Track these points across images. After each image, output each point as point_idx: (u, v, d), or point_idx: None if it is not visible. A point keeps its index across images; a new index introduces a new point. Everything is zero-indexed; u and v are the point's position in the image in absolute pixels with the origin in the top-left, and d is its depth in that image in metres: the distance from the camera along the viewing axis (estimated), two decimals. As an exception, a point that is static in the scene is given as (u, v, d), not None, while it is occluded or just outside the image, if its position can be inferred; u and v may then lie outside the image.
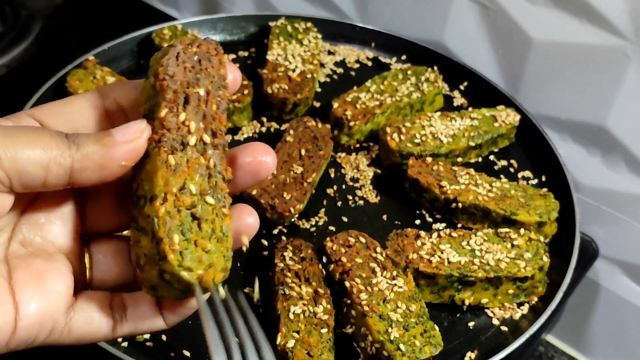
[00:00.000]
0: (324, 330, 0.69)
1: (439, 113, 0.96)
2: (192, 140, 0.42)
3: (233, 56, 1.08)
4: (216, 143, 0.43)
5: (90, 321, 0.43)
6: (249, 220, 0.45)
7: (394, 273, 0.74)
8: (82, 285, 0.45)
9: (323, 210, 0.86)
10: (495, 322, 0.77)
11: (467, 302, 0.77)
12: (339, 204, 0.88)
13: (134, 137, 0.41)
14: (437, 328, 0.71)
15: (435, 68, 1.03)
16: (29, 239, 0.43)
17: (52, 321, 0.42)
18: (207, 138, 0.43)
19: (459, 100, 1.06)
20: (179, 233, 0.40)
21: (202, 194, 0.41)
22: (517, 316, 0.78)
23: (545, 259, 0.77)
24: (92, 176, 0.40)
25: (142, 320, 0.44)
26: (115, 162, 0.40)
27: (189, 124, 0.42)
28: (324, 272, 0.76)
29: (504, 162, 0.96)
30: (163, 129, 0.41)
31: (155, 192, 0.40)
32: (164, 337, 0.71)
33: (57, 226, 0.44)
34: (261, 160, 0.45)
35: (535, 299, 0.79)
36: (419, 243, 0.78)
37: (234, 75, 0.46)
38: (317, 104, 1.02)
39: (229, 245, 0.42)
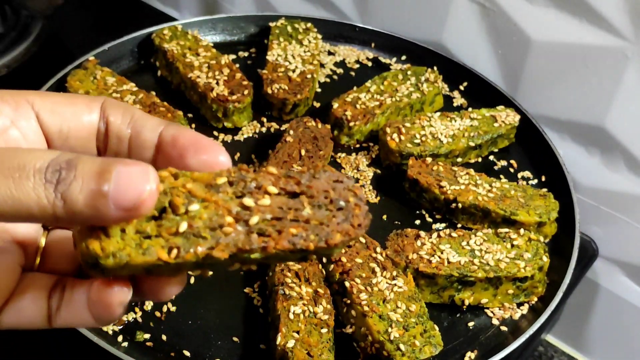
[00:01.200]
0: (324, 330, 0.69)
1: (438, 113, 0.96)
2: None
3: (233, 56, 1.08)
4: None
5: (22, 310, 0.39)
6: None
7: (394, 273, 0.74)
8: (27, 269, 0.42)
9: (323, 210, 0.86)
10: (495, 322, 0.77)
11: (467, 302, 0.77)
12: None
13: (131, 204, 0.34)
14: (437, 328, 0.71)
15: (435, 68, 1.03)
16: None
17: None
18: None
19: (458, 100, 1.06)
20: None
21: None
22: (516, 316, 0.78)
23: (545, 259, 0.78)
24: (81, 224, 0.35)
25: (73, 312, 0.39)
26: (106, 223, 0.35)
27: None
28: (324, 272, 0.76)
29: (503, 163, 0.96)
30: None
31: None
32: (164, 337, 0.71)
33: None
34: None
35: (535, 299, 0.79)
36: (418, 243, 0.78)
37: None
38: (317, 104, 1.02)
39: None
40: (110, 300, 0.37)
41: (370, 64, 1.12)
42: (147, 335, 0.71)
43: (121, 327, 0.72)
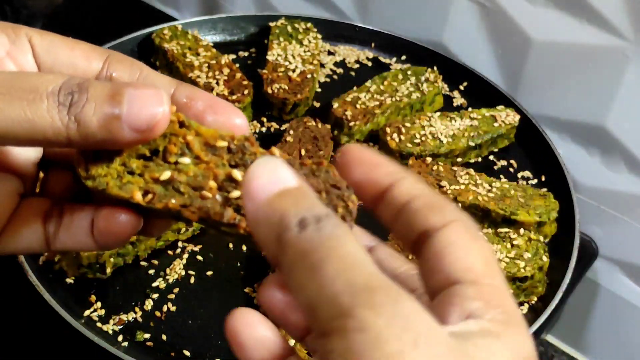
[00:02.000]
0: (324, 330, 0.68)
1: (438, 113, 0.96)
2: None
3: (233, 56, 1.08)
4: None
5: (18, 234, 0.38)
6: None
7: (394, 273, 0.74)
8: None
9: (323, 210, 0.86)
10: (495, 322, 0.77)
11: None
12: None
13: (144, 126, 0.33)
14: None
15: (435, 68, 1.03)
16: None
17: None
18: None
19: (458, 100, 1.06)
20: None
21: None
22: (516, 316, 0.78)
23: (545, 258, 0.78)
24: (93, 149, 0.35)
25: (72, 237, 0.38)
26: (116, 147, 0.35)
27: None
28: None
29: (503, 162, 0.96)
30: None
31: None
32: (164, 337, 0.71)
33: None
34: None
35: (535, 298, 0.79)
36: (418, 243, 0.78)
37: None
38: (317, 104, 1.02)
39: None
40: (118, 230, 0.36)
41: (370, 64, 1.12)
42: (147, 335, 0.71)
43: (121, 327, 0.72)
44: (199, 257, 0.79)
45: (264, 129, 0.97)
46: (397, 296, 0.26)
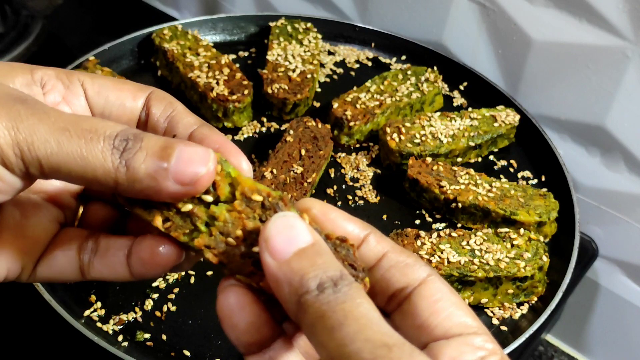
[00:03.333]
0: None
1: (438, 113, 0.96)
2: None
3: (233, 56, 1.08)
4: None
5: (54, 262, 0.41)
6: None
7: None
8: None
9: (323, 210, 0.86)
10: (495, 321, 0.77)
11: (466, 302, 0.77)
12: (339, 204, 0.88)
13: (191, 180, 0.35)
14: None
15: (435, 68, 1.03)
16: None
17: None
18: None
19: (458, 100, 1.06)
20: None
21: None
22: (516, 316, 0.78)
23: (545, 258, 0.78)
24: (137, 196, 0.37)
25: (108, 266, 0.40)
26: (159, 198, 0.36)
27: None
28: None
29: (503, 162, 0.96)
30: None
31: None
32: (164, 337, 0.71)
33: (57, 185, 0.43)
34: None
35: (535, 298, 0.79)
36: (418, 243, 0.78)
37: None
38: (317, 104, 1.03)
39: None
40: (160, 260, 0.38)
41: (370, 63, 1.12)
42: (147, 335, 0.71)
43: (121, 327, 0.72)
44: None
45: (264, 129, 0.97)
46: (411, 351, 0.30)
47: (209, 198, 0.37)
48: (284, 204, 0.37)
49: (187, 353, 0.70)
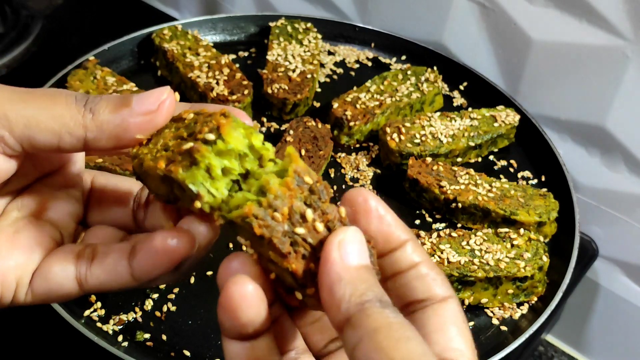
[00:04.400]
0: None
1: (438, 113, 0.96)
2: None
3: (233, 56, 1.08)
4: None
5: (50, 276, 0.40)
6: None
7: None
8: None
9: (323, 210, 0.86)
10: (495, 321, 0.77)
11: (466, 302, 0.77)
12: (339, 204, 0.88)
13: (152, 108, 0.39)
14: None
15: (435, 68, 1.03)
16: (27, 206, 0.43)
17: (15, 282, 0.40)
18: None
19: (458, 100, 1.06)
20: None
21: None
22: (516, 316, 0.78)
23: (545, 258, 0.78)
24: (107, 145, 0.39)
25: (107, 271, 0.40)
26: (129, 134, 0.39)
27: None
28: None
29: (503, 162, 0.96)
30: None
31: None
32: (164, 337, 0.71)
33: (58, 210, 0.44)
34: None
35: (535, 298, 0.79)
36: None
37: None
38: (317, 104, 1.02)
39: None
40: (170, 253, 0.38)
41: (370, 64, 1.12)
42: (147, 335, 0.71)
43: (121, 327, 0.72)
44: (199, 257, 0.79)
45: (264, 129, 0.97)
46: None
47: (210, 137, 0.37)
48: (327, 193, 0.38)
49: (187, 353, 0.70)
